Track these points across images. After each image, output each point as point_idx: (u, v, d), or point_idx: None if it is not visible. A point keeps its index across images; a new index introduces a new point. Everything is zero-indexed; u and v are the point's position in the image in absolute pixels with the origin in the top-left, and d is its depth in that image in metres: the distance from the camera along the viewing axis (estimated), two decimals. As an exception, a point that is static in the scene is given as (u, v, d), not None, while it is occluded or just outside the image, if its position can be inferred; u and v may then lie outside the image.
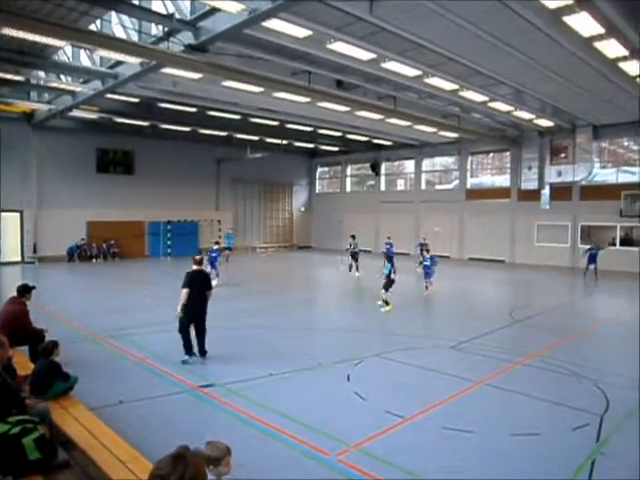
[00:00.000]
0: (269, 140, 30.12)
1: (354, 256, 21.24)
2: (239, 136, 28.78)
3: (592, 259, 21.05)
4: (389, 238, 24.50)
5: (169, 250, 28.67)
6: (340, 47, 13.44)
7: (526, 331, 11.54)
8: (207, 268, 16.66)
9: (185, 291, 8.24)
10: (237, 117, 24.01)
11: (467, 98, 19.13)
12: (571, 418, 6.26)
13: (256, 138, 29.29)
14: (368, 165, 35.52)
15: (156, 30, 13.74)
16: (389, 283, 13.36)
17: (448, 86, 17.42)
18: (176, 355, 8.59)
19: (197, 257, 8.89)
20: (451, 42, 13.50)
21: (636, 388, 7.50)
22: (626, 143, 26.16)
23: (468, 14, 11.63)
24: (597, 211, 24.95)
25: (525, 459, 5.30)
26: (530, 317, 12.84)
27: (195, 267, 8.62)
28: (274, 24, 11.76)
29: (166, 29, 13.03)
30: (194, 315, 8.41)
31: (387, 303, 13.27)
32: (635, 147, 25.26)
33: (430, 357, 9.16)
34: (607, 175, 26.01)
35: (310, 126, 26.64)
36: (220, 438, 3.41)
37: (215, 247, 18.15)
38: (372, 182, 36.32)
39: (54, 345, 6.14)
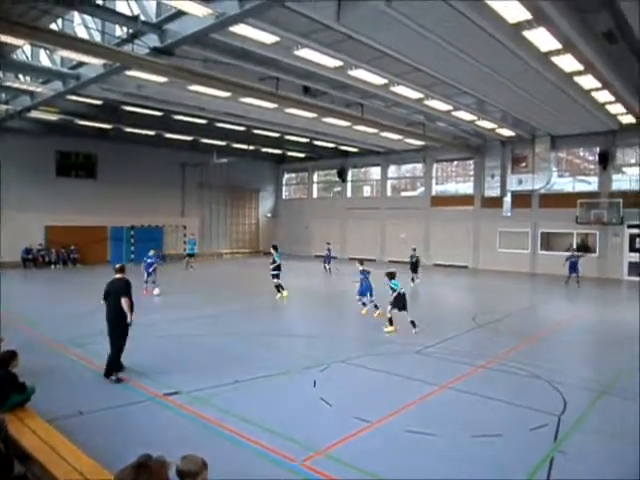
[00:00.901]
0: (236, 145, 29.91)
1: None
2: (205, 141, 28.47)
3: (573, 267, 21.06)
4: (329, 244, 25.89)
5: (132, 256, 28.03)
6: (307, 54, 13.51)
7: (488, 335, 11.81)
8: (144, 276, 16.68)
9: (102, 302, 8.17)
10: (203, 122, 23.79)
11: (432, 107, 19.52)
12: (530, 418, 6.44)
13: (223, 143, 29.06)
14: (335, 171, 35.75)
15: (120, 32, 13.50)
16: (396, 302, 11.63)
17: (413, 95, 17.74)
18: (139, 363, 8.40)
19: (117, 265, 8.57)
20: (416, 52, 13.77)
21: (590, 389, 7.80)
22: (582, 153, 27.20)
23: (432, 25, 11.89)
24: (555, 218, 25.82)
25: (486, 460, 5.42)
26: (492, 322, 13.14)
27: (117, 275, 8.25)
28: (241, 29, 11.71)
29: (131, 31, 12.81)
30: (108, 325, 8.01)
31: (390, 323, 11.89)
32: (590, 157, 26.27)
33: (395, 362, 9.27)
34: (564, 184, 26.99)
35: (277, 132, 26.63)
36: (185, 446, 3.36)
37: (150, 253, 17.61)
38: (339, 188, 36.55)
39: (12, 355, 5.92)
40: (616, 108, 19.29)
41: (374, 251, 32.94)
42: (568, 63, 13.91)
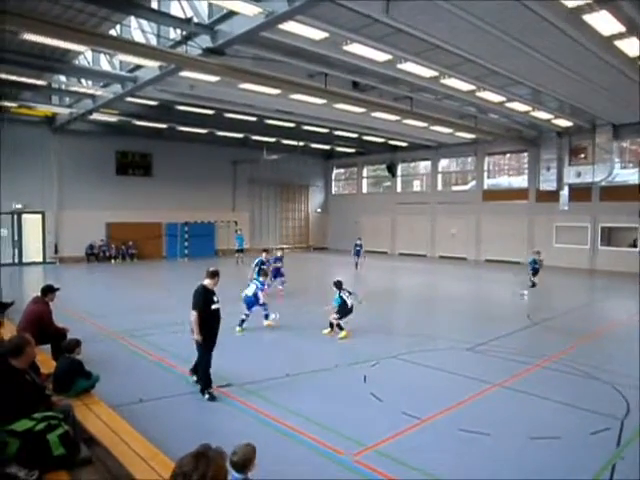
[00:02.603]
0: (285, 142, 30.26)
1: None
2: (255, 138, 28.99)
3: None
4: (360, 239, 25.20)
5: (186, 251, 28.96)
6: (356, 48, 13.45)
7: (544, 333, 11.43)
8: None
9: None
10: (253, 119, 24.20)
11: (484, 99, 18.98)
12: (590, 421, 6.19)
13: (272, 140, 29.45)
14: (384, 166, 35.45)
15: (174, 34, 13.92)
16: None
17: (465, 87, 17.31)
18: (193, 355, 8.70)
19: (210, 269, 7.23)
20: (467, 42, 13.43)
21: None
22: (649, 142, 25.69)
23: (484, 14, 11.56)
24: (617, 212, 24.50)
25: (542, 462, 5.26)
26: (548, 319, 12.70)
27: (205, 281, 7.10)
28: (290, 26, 11.81)
29: (184, 33, 13.18)
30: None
31: None
32: (657, 147, 24.80)
33: (446, 359, 9.13)
34: (628, 175, 25.51)
35: (326, 127, 26.70)
36: (237, 437, 3.47)
37: (279, 254, 17.45)
38: (388, 183, 36.24)
39: (76, 343, 6.28)
40: (686, 93, 18.08)
41: (424, 247, 32.51)
42: (632, 47, 13.16)
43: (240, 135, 28.50)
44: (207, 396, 6.86)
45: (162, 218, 29.23)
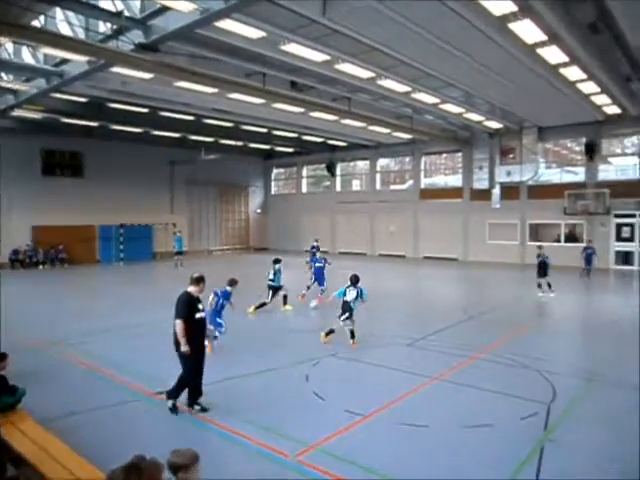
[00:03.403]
0: (224, 142, 29.75)
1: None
2: (193, 137, 28.26)
3: (588, 259, 20.44)
4: (317, 241, 24.35)
5: (122, 255, 27.87)
6: (294, 48, 13.46)
7: (479, 327, 11.91)
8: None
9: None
10: (190, 118, 23.60)
11: (419, 100, 19.55)
12: (521, 408, 6.51)
13: (210, 140, 28.87)
14: (324, 166, 35.72)
15: (104, 28, 13.34)
16: None
17: (401, 88, 17.75)
18: (130, 362, 8.37)
19: (194, 275, 6.69)
20: (403, 45, 13.76)
21: (579, 376, 7.91)
22: (569, 144, 27.42)
23: (419, 19, 11.90)
24: (543, 209, 26.03)
25: (477, 450, 5.49)
26: (482, 313, 13.26)
27: (189, 288, 6.60)
28: (227, 24, 11.63)
29: (115, 27, 12.67)
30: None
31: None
32: (577, 148, 26.48)
33: (387, 355, 9.32)
34: (552, 175, 27.19)
35: (265, 127, 26.51)
36: (177, 444, 3.36)
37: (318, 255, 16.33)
38: (328, 183, 36.55)
39: (1, 357, 5.87)
40: (601, 99, 19.44)
41: (364, 245, 33.06)
42: (554, 55, 13.99)
43: (177, 135, 27.70)
44: (170, 403, 6.46)
45: (96, 220, 27.92)
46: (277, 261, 13.69)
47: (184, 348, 6.26)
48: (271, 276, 13.53)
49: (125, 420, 6.35)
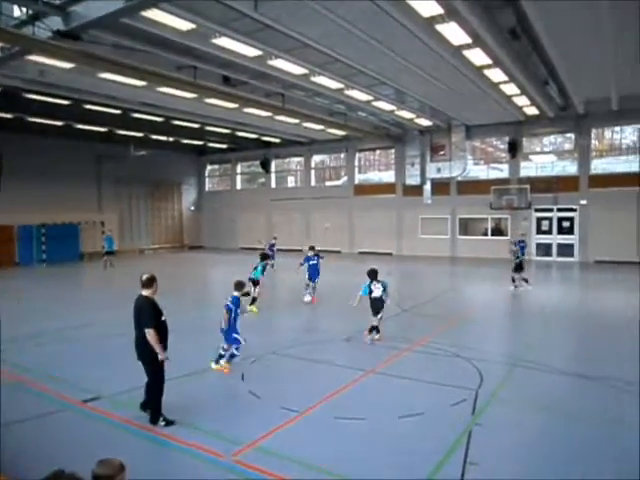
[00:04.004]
0: (154, 137, 28.68)
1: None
2: (121, 132, 27.00)
3: (521, 252, 21.25)
4: (275, 238, 24.35)
5: (44, 256, 26.27)
6: (225, 42, 13.21)
7: (413, 319, 12.26)
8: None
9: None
10: (117, 112, 22.58)
11: (352, 97, 19.81)
12: (451, 395, 6.77)
13: (140, 135, 27.72)
14: (258, 162, 35.41)
15: (19, 12, 12.45)
16: None
17: (334, 85, 17.91)
18: (52, 369, 7.90)
19: (143, 277, 6.15)
20: (335, 43, 13.87)
21: (504, 363, 8.35)
22: (494, 142, 28.84)
23: (351, 16, 12.03)
24: (472, 204, 27.25)
25: (410, 438, 5.65)
26: (416, 306, 13.66)
27: (142, 292, 6.17)
28: (154, 14, 11.22)
29: (31, 12, 11.86)
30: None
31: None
32: (501, 146, 27.90)
33: (324, 351, 9.38)
34: (479, 171, 28.51)
35: (197, 123, 25.84)
36: (108, 454, 3.20)
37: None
38: (263, 179, 36.29)
39: None
40: (522, 100, 20.58)
41: (299, 241, 33.12)
42: (478, 57, 14.64)
43: (103, 129, 26.37)
44: (163, 423, 5.98)
45: (13, 220, 26.05)
46: (263, 257, 13.80)
47: (162, 356, 5.96)
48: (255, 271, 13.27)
49: (50, 432, 5.98)
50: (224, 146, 33.89)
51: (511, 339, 10.97)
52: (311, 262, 14.67)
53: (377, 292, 9.69)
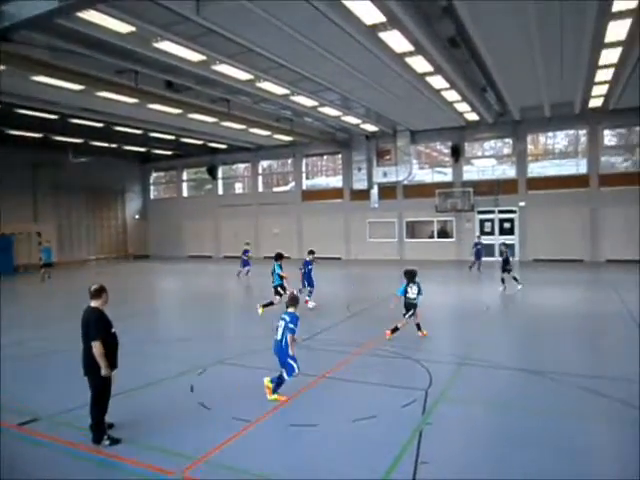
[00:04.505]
0: (95, 143, 27.61)
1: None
2: (59, 138, 25.84)
3: (478, 254, 21.67)
4: (248, 244, 23.69)
5: (-25, 269, 24.71)
6: (167, 46, 12.95)
7: (362, 322, 12.37)
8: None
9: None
10: (54, 117, 21.59)
11: (298, 103, 19.88)
12: (402, 397, 6.85)
13: (79, 141, 26.60)
14: (205, 169, 34.86)
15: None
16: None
17: (279, 91, 17.91)
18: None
19: (92, 287, 5.83)
20: (279, 48, 13.89)
21: (452, 362, 8.55)
22: (438, 147, 29.73)
23: (295, 23, 12.09)
24: (418, 208, 27.94)
25: (363, 441, 5.66)
26: (365, 309, 13.81)
27: (91, 303, 5.83)
28: (92, 16, 10.83)
29: (-45, 12, 11.14)
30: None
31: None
32: (445, 150, 28.77)
33: (273, 358, 9.25)
34: (424, 175, 29.29)
35: (141, 129, 25.14)
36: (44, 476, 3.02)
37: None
38: (210, 186, 35.73)
39: None
40: (462, 106, 21.32)
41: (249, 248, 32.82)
42: (420, 64, 15.05)
43: (39, 135, 25.13)
44: (108, 442, 5.63)
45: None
46: (277, 257, 13.63)
47: (105, 372, 5.61)
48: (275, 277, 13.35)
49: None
50: (169, 153, 33.13)
51: (459, 339, 11.26)
52: (310, 267, 14.61)
53: (411, 294, 10.16)
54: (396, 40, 12.88)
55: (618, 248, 23.86)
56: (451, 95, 19.14)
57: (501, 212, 26.44)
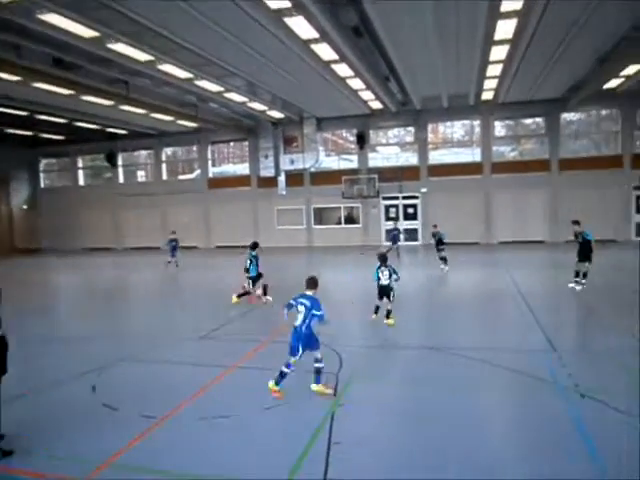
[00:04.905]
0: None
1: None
2: None
3: (395, 239, 22.28)
4: (174, 233, 22.40)
5: None
6: (55, 19, 11.84)
7: (272, 310, 12.29)
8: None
9: None
10: None
11: (203, 87, 19.22)
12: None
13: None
14: (103, 156, 32.70)
15: None
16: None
17: (182, 74, 17.18)
18: None
19: None
20: (181, 29, 13.31)
21: (359, 345, 8.83)
22: (344, 134, 30.29)
23: (198, 4, 11.63)
24: (325, 194, 28.36)
25: (276, 428, 5.70)
26: (274, 296, 13.75)
27: None
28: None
29: None
30: None
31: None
32: (351, 138, 29.38)
33: (181, 351, 9.01)
34: (331, 162, 29.74)
35: (26, 110, 22.91)
36: None
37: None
38: (109, 174, 33.64)
39: None
40: (367, 95, 21.85)
41: (156, 238, 31.53)
42: (325, 52, 15.15)
43: None
44: None
45: None
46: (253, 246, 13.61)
47: None
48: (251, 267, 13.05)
49: None
50: (62, 137, 30.59)
51: (368, 321, 11.61)
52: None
53: (384, 278, 10.06)
54: (301, 26, 12.84)
55: (508, 230, 25.96)
56: (356, 83, 19.51)
57: (405, 198, 27.62)
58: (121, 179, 33.34)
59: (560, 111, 25.24)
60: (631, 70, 18.01)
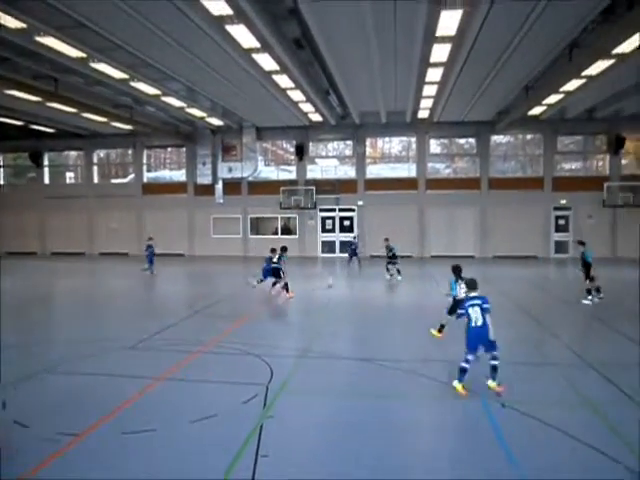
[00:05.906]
0: None
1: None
2: None
3: (354, 252, 22.97)
4: (151, 238, 21.72)
5: None
6: (-24, 8, 11.11)
7: (204, 320, 12.04)
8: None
9: None
10: None
11: (139, 89, 18.64)
12: (243, 393, 6.83)
13: None
14: (27, 155, 30.81)
15: None
16: None
17: (117, 74, 16.58)
18: None
19: None
20: (116, 27, 12.89)
21: (292, 356, 8.80)
22: (284, 145, 30.34)
23: (136, 3, 11.32)
24: (263, 204, 28.22)
25: (204, 441, 5.52)
26: (208, 306, 13.50)
27: None
28: None
29: None
30: None
31: None
32: (290, 149, 29.48)
33: (107, 362, 8.58)
34: (270, 172, 29.67)
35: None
36: None
37: None
38: (34, 174, 31.74)
39: None
40: (307, 107, 22.04)
41: (82, 244, 30.10)
42: (266, 62, 15.16)
43: None
44: None
45: None
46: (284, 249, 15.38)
47: None
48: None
49: None
50: (-22, 132, 28.51)
51: (301, 332, 11.60)
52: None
53: (462, 293, 8.91)
54: (243, 35, 12.77)
55: (440, 245, 26.93)
56: (296, 95, 19.64)
57: (341, 210, 28.00)
58: (47, 180, 31.55)
59: (490, 133, 26.65)
60: (552, 99, 19.36)
